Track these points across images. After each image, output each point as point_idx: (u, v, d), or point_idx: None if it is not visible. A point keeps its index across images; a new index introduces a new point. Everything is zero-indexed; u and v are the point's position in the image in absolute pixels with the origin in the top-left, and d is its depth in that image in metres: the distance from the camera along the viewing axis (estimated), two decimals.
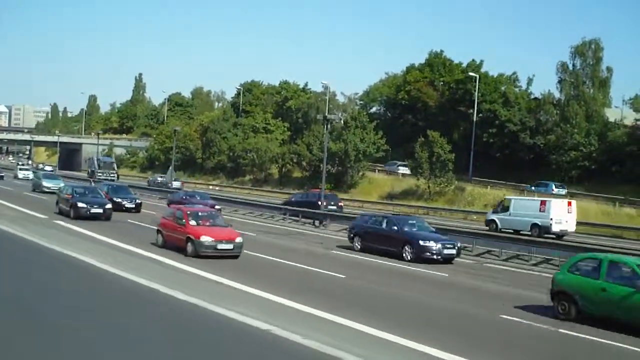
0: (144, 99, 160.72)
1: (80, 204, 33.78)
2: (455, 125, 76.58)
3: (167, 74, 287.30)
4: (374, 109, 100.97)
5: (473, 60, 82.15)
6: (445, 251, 25.56)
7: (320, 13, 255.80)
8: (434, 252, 25.33)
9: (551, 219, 38.52)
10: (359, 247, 28.00)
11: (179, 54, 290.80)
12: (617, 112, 75.94)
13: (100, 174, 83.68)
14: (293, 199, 50.28)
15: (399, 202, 64.40)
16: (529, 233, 37.46)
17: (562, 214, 39.64)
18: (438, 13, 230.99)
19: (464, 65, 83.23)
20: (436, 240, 25.93)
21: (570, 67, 69.90)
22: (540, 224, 38.46)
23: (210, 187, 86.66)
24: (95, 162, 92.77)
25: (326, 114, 63.52)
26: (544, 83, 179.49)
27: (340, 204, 49.77)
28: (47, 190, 51.85)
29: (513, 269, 25.82)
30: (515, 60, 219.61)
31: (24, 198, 46.83)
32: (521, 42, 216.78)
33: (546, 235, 35.37)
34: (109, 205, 35.03)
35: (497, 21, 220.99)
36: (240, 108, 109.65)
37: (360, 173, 75.45)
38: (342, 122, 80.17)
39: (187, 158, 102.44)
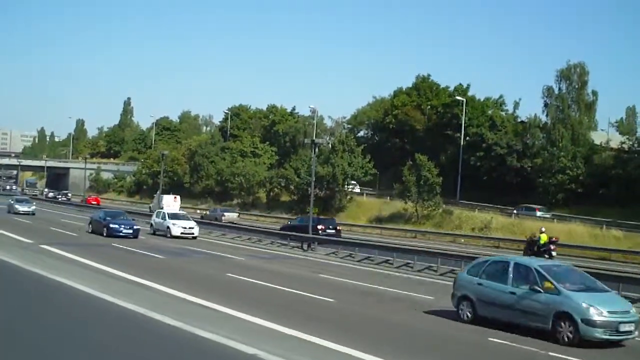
0: (131, 123, 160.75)
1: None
2: (443, 149, 76.84)
3: (154, 98, 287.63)
4: (361, 133, 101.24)
5: (460, 84, 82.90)
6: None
7: (308, 37, 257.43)
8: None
9: None
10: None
11: (167, 78, 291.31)
12: (603, 135, 76.51)
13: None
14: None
15: (388, 226, 64.50)
16: None
17: None
18: (425, 37, 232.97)
19: (451, 89, 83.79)
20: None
21: (556, 91, 70.35)
22: None
23: (198, 211, 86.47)
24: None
25: (314, 138, 63.68)
26: (530, 107, 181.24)
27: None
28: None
29: None
30: (502, 84, 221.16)
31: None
32: (507, 66, 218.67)
33: None
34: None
35: (484, 45, 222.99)
36: (228, 132, 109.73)
37: (348, 197, 75.50)
38: (329, 145, 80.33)
39: (174, 182, 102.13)
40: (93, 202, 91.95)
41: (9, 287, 18.55)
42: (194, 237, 43.10)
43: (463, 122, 73.37)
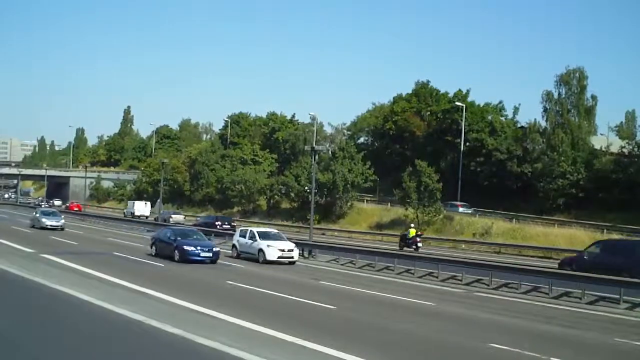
0: (131, 132, 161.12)
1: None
2: (443, 155, 76.93)
3: (155, 107, 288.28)
4: (361, 139, 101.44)
5: (459, 89, 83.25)
6: None
7: (308, 44, 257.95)
8: None
9: None
10: None
11: (167, 86, 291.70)
12: (603, 139, 76.57)
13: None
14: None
15: (388, 232, 64.51)
16: None
17: None
18: (424, 44, 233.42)
19: (451, 95, 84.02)
20: None
21: (556, 96, 70.50)
22: None
23: (199, 219, 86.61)
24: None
25: (314, 145, 63.76)
26: (530, 112, 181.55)
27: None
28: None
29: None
30: (501, 89, 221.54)
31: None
32: (507, 71, 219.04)
33: None
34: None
35: (483, 51, 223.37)
36: (228, 140, 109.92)
37: (349, 203, 75.53)
38: (330, 152, 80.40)
39: (175, 190, 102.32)
40: (75, 209, 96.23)
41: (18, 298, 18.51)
42: (293, 263, 34.62)
43: (463, 127, 73.45)
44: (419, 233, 50.60)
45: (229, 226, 60.84)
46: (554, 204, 64.33)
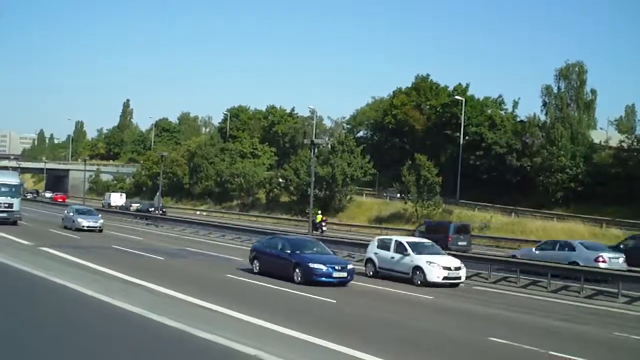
0: (131, 125, 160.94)
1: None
2: (442, 148, 76.91)
3: (154, 100, 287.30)
4: (361, 133, 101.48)
5: (459, 83, 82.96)
6: None
7: (307, 37, 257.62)
8: None
9: None
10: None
11: (166, 79, 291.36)
12: (602, 133, 76.55)
13: None
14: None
15: (387, 226, 64.53)
16: None
17: None
18: (424, 38, 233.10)
19: (450, 88, 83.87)
20: None
21: (555, 90, 70.33)
22: None
23: (198, 212, 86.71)
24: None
25: (313, 139, 63.73)
26: (530, 106, 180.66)
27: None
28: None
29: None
30: (501, 83, 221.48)
31: None
32: (506, 65, 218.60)
33: None
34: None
35: (483, 45, 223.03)
36: (228, 133, 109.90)
37: (348, 197, 75.53)
38: (329, 146, 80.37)
39: (174, 184, 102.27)
40: (59, 200, 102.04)
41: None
42: (458, 284, 26.21)
43: (462, 121, 73.40)
44: (324, 219, 59.77)
45: (162, 212, 69.37)
46: (553, 197, 64.34)
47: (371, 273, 27.90)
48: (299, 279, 23.67)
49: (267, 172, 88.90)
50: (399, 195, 69.77)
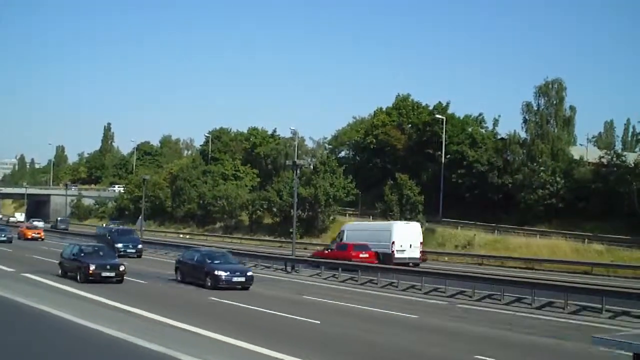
0: (112, 149, 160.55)
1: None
2: (424, 167, 77.12)
3: (135, 123, 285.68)
4: (342, 153, 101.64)
5: (439, 102, 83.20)
6: None
7: (288, 59, 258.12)
8: None
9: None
10: None
11: (147, 103, 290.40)
12: (582, 149, 77.19)
13: None
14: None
15: None
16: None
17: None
18: (404, 56, 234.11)
19: (431, 107, 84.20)
20: None
21: (535, 107, 70.86)
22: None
23: (181, 235, 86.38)
24: None
25: (295, 160, 63.87)
26: (510, 123, 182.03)
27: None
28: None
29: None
30: (481, 101, 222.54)
31: None
32: (486, 83, 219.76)
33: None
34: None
35: (462, 63, 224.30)
36: (209, 155, 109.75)
37: (331, 217, 75.54)
38: (311, 167, 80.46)
39: (156, 207, 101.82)
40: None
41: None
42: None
43: (444, 140, 73.72)
44: None
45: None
46: (535, 214, 64.58)
47: None
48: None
49: (250, 194, 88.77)
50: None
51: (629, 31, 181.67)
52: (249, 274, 29.40)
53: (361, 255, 40.81)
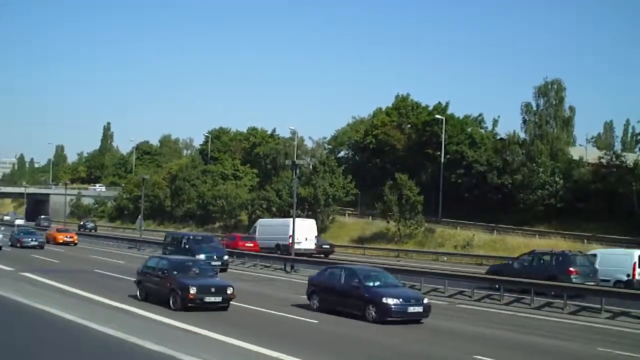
0: (112, 148, 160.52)
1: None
2: (423, 167, 77.11)
3: (134, 123, 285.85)
4: (342, 153, 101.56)
5: (439, 102, 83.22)
6: None
7: (287, 59, 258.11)
8: None
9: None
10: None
11: (147, 102, 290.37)
12: (581, 150, 77.19)
13: None
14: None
15: (370, 246, 64.60)
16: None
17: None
18: (404, 56, 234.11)
19: (431, 107, 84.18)
20: None
21: (534, 107, 70.92)
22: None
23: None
24: None
25: (295, 160, 63.84)
26: (509, 124, 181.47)
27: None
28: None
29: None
30: (481, 101, 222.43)
31: None
32: (486, 83, 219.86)
33: None
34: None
35: (462, 64, 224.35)
36: (209, 155, 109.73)
37: (330, 217, 75.57)
38: (310, 167, 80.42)
39: (156, 206, 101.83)
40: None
41: None
42: None
43: (443, 140, 73.73)
44: None
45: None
46: (535, 214, 64.60)
47: None
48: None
49: (249, 194, 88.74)
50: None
51: (628, 31, 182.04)
52: (425, 301, 21.78)
53: (247, 245, 51.76)
